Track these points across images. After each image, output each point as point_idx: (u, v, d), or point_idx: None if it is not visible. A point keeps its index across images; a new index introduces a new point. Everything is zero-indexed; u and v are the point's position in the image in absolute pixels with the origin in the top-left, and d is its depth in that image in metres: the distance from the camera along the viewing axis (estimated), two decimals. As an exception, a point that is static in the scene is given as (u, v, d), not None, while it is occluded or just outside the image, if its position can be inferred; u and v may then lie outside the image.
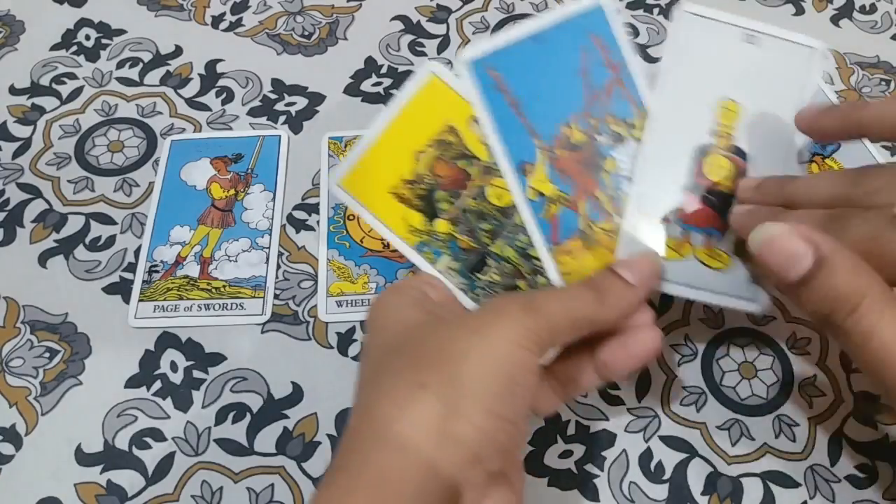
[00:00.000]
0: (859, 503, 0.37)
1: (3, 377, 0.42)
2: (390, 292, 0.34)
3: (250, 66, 0.55)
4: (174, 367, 0.42)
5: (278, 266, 0.45)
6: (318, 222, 0.47)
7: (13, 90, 0.54)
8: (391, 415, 0.27)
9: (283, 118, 0.52)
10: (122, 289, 0.45)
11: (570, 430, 0.40)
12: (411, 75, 0.38)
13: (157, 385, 0.41)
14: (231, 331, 0.43)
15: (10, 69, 0.55)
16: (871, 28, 0.57)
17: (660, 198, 0.37)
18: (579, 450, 0.39)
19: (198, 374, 0.42)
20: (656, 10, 0.58)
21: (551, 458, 0.39)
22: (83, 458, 0.39)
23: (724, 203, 0.36)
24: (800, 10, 0.58)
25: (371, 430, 0.27)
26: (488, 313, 0.30)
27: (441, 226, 0.37)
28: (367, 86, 0.54)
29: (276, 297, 0.44)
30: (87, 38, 0.57)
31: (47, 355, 0.42)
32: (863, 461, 0.38)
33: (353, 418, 0.29)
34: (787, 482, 0.38)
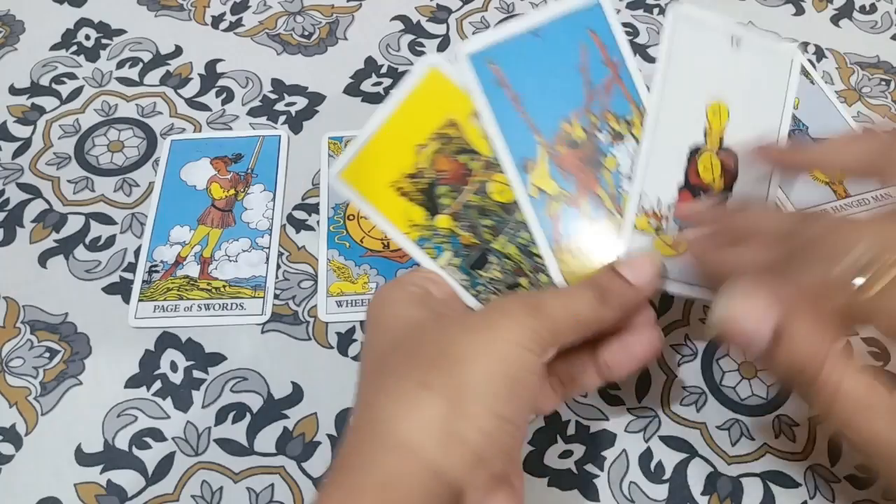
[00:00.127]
0: (859, 503, 0.37)
1: (3, 377, 0.42)
2: (391, 287, 0.34)
3: (250, 66, 0.55)
4: (174, 367, 0.42)
5: (278, 266, 0.45)
6: (318, 222, 0.47)
7: (13, 90, 0.54)
8: (395, 415, 0.27)
9: (283, 118, 0.52)
10: (122, 289, 0.45)
11: (570, 430, 0.40)
12: (412, 67, 0.38)
13: (157, 385, 0.41)
14: (231, 331, 0.43)
15: (10, 69, 0.55)
16: (871, 28, 0.57)
17: (658, 196, 0.37)
18: (579, 450, 0.39)
19: (198, 374, 0.42)
20: (656, 10, 0.58)
21: (551, 458, 0.39)
22: (83, 458, 0.39)
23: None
24: (800, 10, 0.58)
25: (375, 431, 0.27)
26: (492, 314, 0.30)
27: (442, 221, 0.36)
28: (367, 86, 0.54)
29: (276, 297, 0.44)
30: (87, 37, 0.57)
31: (47, 355, 0.42)
32: (863, 461, 0.38)
33: (356, 417, 0.29)
34: (787, 482, 0.38)
